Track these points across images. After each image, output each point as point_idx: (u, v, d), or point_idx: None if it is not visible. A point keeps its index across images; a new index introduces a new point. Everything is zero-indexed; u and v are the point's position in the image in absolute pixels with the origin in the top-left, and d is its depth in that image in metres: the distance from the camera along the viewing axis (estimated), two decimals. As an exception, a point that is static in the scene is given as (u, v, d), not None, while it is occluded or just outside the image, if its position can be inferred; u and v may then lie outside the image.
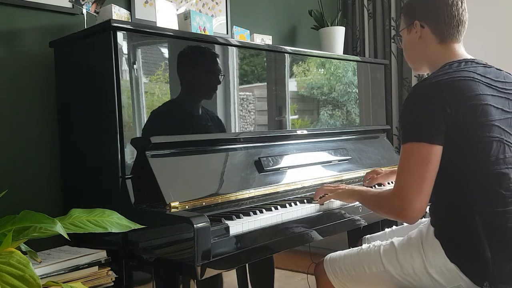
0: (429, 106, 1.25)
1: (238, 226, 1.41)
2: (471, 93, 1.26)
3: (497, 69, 1.37)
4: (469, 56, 1.39)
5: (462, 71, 1.30)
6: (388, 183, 2.01)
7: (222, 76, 1.85)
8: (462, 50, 1.41)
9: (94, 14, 1.85)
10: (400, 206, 1.26)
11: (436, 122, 1.23)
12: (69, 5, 1.91)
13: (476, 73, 1.30)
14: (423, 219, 1.76)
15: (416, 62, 1.50)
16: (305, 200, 1.70)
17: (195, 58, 1.77)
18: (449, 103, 1.23)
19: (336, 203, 1.73)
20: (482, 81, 1.29)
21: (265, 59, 2.05)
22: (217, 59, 1.85)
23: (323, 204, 1.69)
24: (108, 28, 1.54)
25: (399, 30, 1.53)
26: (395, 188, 1.29)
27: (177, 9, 2.04)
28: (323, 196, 1.70)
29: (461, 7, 1.39)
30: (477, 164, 1.26)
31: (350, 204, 1.76)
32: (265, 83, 2.05)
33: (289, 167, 1.93)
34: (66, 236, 1.13)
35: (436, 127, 1.23)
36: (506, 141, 1.27)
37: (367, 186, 1.90)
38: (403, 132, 1.30)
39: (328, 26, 2.78)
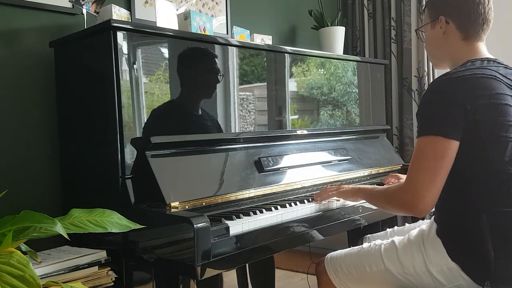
0: (449, 101, 1.24)
1: (238, 226, 1.41)
2: (492, 92, 1.25)
3: None
4: (491, 56, 1.38)
5: (484, 69, 1.29)
6: None
7: (221, 76, 1.85)
8: (485, 49, 1.40)
9: (94, 14, 1.85)
10: (410, 200, 1.25)
11: (455, 117, 1.22)
12: (69, 5, 1.91)
13: (498, 72, 1.29)
14: (425, 219, 1.76)
15: (438, 58, 1.49)
16: (305, 200, 1.70)
17: (195, 58, 1.77)
18: (470, 100, 1.22)
19: (336, 203, 1.73)
20: (503, 81, 1.28)
21: (265, 59, 2.05)
22: (217, 59, 1.85)
23: (321, 202, 1.68)
24: (108, 28, 1.54)
25: (422, 25, 1.51)
26: (406, 182, 1.28)
27: (177, 9, 2.04)
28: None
29: (487, 5, 1.37)
30: (490, 163, 1.25)
31: (350, 204, 1.76)
32: (265, 83, 2.05)
33: (289, 167, 1.92)
34: (66, 236, 1.13)
35: (455, 122, 1.22)
36: None
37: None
38: (420, 125, 1.29)
39: (328, 26, 2.78)
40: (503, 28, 2.55)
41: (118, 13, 1.83)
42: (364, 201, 1.62)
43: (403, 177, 1.91)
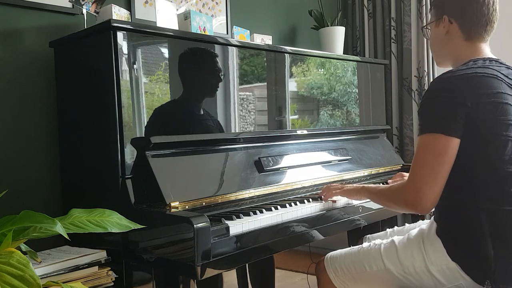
0: (450, 99, 1.24)
1: (238, 226, 1.41)
2: (493, 90, 1.25)
3: None
4: (493, 56, 1.39)
5: (486, 68, 1.29)
6: None
7: (222, 76, 1.85)
8: (488, 49, 1.40)
9: (94, 14, 1.85)
10: (413, 198, 1.26)
11: (456, 115, 1.22)
12: (69, 5, 1.91)
13: (500, 72, 1.30)
14: (425, 219, 1.76)
15: (441, 56, 1.49)
16: (305, 200, 1.70)
17: (195, 58, 1.77)
18: (471, 98, 1.23)
19: (336, 203, 1.73)
20: (504, 80, 1.29)
21: (265, 59, 2.05)
22: (217, 59, 1.85)
23: (327, 201, 1.69)
24: (108, 28, 1.54)
25: (428, 22, 1.52)
26: (409, 180, 1.29)
27: (177, 9, 2.04)
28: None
29: (492, 6, 1.37)
30: (489, 162, 1.25)
31: (350, 204, 1.76)
32: (265, 83, 2.05)
33: (289, 167, 1.92)
34: (66, 236, 1.13)
35: (456, 120, 1.23)
36: None
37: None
38: (421, 122, 1.30)
39: (328, 26, 2.78)
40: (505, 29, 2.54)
41: (118, 13, 1.83)
42: (366, 200, 1.63)
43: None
